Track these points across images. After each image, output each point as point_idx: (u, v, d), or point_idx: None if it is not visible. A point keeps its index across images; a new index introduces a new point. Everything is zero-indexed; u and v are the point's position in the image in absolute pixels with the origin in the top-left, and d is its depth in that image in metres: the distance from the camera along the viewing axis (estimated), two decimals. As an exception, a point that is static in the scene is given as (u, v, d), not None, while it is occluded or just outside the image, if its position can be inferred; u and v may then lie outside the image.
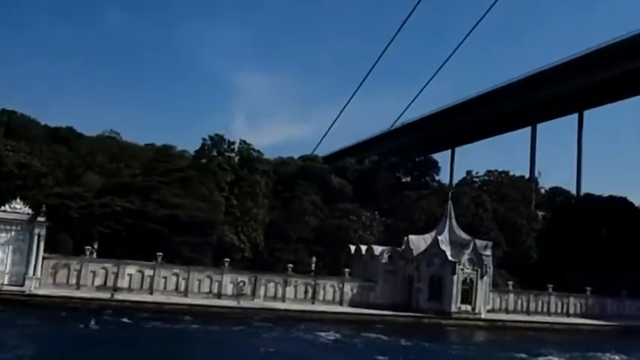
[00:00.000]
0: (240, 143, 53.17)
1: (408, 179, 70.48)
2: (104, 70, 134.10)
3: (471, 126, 78.58)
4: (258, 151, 53.49)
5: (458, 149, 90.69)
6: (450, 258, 33.56)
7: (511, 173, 62.49)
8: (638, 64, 59.23)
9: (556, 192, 69.59)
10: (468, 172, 59.07)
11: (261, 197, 51.63)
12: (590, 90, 66.47)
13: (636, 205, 52.56)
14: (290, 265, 36.54)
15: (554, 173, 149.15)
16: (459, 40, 68.99)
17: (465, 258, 33.67)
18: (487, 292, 35.25)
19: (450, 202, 37.40)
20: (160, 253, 33.49)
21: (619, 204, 50.99)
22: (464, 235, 35.38)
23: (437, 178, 72.69)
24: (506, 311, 37.36)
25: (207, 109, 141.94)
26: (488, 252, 35.01)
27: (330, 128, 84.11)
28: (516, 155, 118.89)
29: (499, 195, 51.78)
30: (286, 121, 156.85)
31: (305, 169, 61.89)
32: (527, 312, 37.82)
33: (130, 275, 32.11)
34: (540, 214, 51.96)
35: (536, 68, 66.56)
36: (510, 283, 38.63)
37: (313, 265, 39.82)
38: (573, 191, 72.01)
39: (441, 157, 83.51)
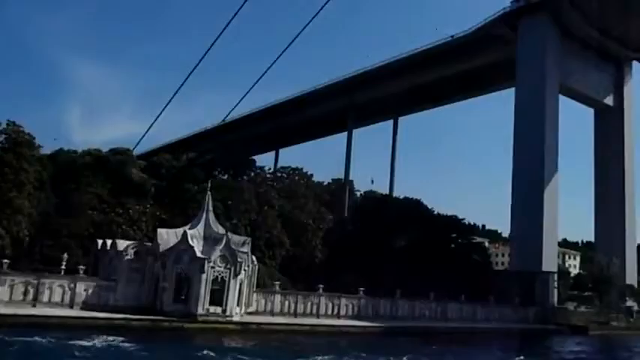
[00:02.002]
0: (7, 124, 46.71)
1: (225, 177, 67.46)
2: None
3: (292, 127, 77.51)
4: (30, 135, 47.40)
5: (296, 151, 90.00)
6: (198, 255, 30.36)
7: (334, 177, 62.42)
8: (447, 72, 61.33)
9: (369, 195, 70.08)
10: (261, 168, 57.37)
11: (29, 187, 45.67)
12: (405, 96, 67.91)
13: (429, 207, 53.65)
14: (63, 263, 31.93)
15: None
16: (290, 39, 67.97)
17: (216, 255, 30.51)
18: (246, 292, 32.58)
19: (208, 193, 34.33)
20: None
21: (414, 206, 51.94)
22: (221, 230, 32.52)
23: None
24: (272, 313, 34.96)
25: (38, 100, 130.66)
26: (246, 249, 32.19)
27: (152, 124, 79.83)
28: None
29: (288, 192, 50.02)
30: (128, 116, 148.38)
31: (99, 160, 56.43)
32: (295, 314, 35.69)
33: None
34: (330, 217, 50.86)
35: (352, 71, 66.61)
36: (277, 283, 36.33)
37: (64, 264, 34.82)
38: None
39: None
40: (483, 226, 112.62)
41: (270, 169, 58.94)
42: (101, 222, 45.50)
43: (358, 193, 69.22)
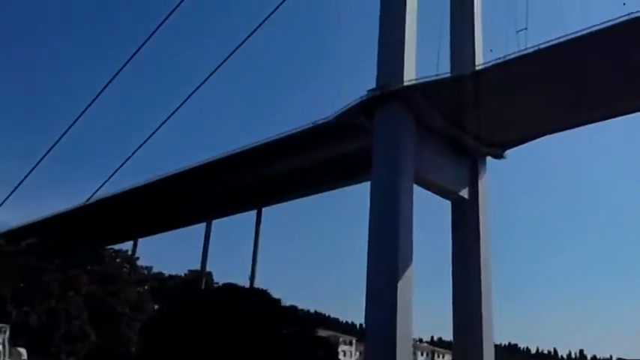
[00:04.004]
0: None
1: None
2: None
3: (150, 215, 72.23)
4: None
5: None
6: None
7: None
8: (307, 162, 59.71)
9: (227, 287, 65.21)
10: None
11: None
12: (268, 185, 65.43)
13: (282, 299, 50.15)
14: None
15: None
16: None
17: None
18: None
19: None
20: None
21: (258, 297, 48.30)
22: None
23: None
24: None
25: None
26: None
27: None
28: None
29: (103, 277, 44.72)
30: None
31: None
32: None
33: None
34: (156, 306, 45.81)
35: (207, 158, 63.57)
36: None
37: None
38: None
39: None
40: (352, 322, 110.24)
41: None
42: None
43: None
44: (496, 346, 53.85)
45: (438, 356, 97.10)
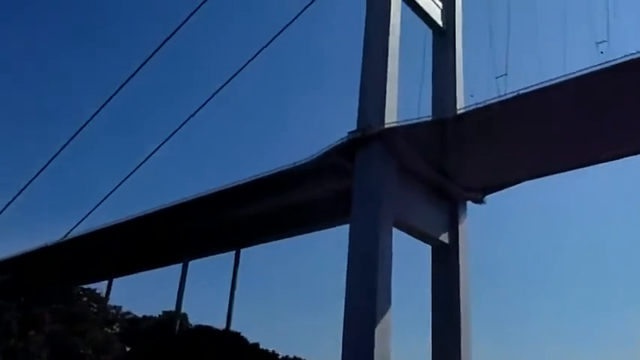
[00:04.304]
0: None
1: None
2: None
3: (124, 255, 70.50)
4: None
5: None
6: None
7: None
8: (286, 202, 58.87)
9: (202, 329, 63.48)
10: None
11: None
12: (245, 226, 64.24)
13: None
14: None
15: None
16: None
17: None
18: None
19: None
20: None
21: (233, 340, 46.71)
22: None
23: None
24: None
25: None
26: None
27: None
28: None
29: (68, 316, 43.06)
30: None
31: None
32: None
33: None
34: (127, 348, 44.16)
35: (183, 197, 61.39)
36: None
37: None
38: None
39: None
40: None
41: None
42: None
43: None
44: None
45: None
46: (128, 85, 61.49)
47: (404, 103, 53.43)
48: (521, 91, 43.78)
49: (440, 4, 61.41)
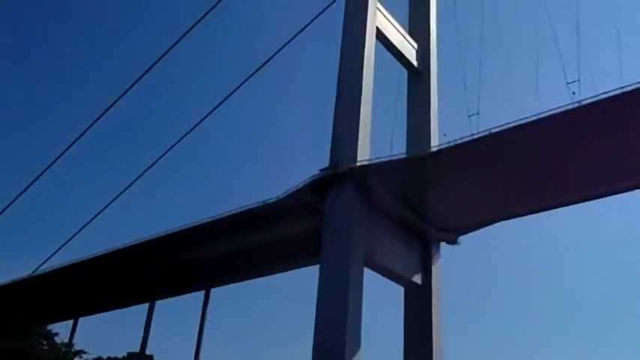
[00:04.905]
0: None
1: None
2: None
3: (91, 294, 68.00)
4: None
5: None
6: None
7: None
8: (255, 241, 57.40)
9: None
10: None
11: None
12: (216, 266, 62.44)
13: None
14: None
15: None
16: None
17: None
18: None
19: None
20: None
21: None
22: None
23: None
24: None
25: None
26: None
27: None
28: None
29: (14, 354, 40.91)
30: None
31: None
32: None
33: None
34: None
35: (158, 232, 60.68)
36: None
37: None
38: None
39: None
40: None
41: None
42: None
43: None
44: None
45: None
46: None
47: (378, 141, 53.13)
48: (492, 130, 43.46)
49: (415, 45, 61.77)
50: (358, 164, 47.73)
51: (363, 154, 48.76)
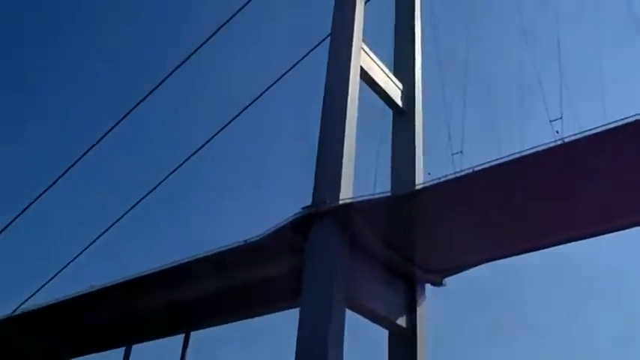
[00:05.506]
0: None
1: None
2: None
3: (63, 338, 65.26)
4: None
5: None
6: None
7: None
8: (234, 282, 55.52)
9: None
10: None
11: None
12: (195, 307, 60.40)
13: None
14: None
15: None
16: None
17: None
18: None
19: None
20: None
21: None
22: None
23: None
24: None
25: None
26: None
27: None
28: None
29: None
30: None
31: None
32: None
33: None
34: None
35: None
36: None
37: None
38: None
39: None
40: None
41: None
42: None
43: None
44: None
45: None
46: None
47: (362, 181, 52.29)
48: (476, 168, 42.74)
49: (400, 85, 61.63)
50: (340, 202, 46.70)
51: (346, 193, 47.82)
